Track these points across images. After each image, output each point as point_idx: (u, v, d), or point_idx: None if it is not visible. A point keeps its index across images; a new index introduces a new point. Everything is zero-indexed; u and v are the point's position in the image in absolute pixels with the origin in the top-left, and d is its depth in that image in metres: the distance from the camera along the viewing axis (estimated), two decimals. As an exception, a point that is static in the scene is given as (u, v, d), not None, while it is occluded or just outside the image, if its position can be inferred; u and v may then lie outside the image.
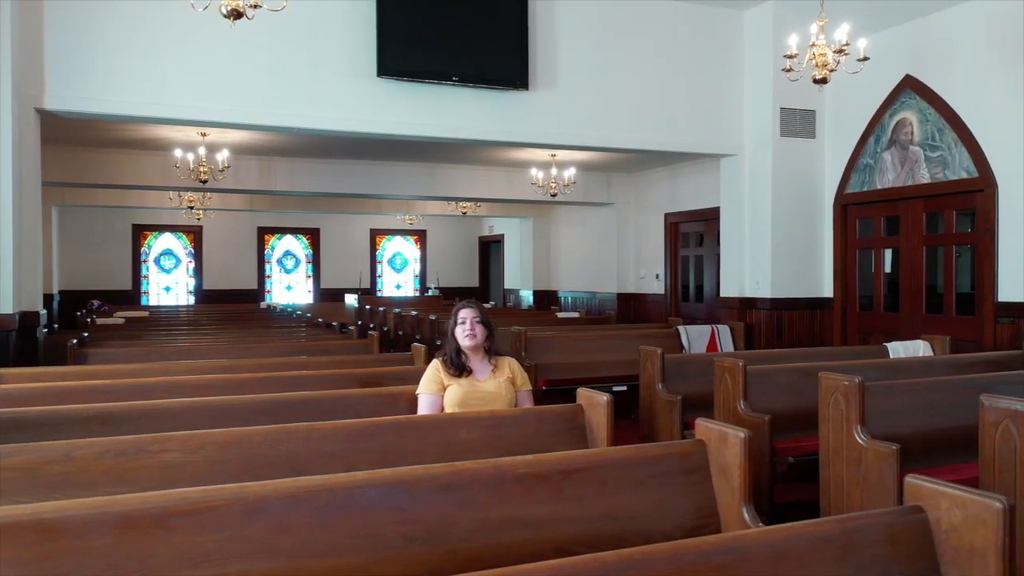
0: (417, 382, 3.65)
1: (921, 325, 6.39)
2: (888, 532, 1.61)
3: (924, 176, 6.32)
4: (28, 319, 5.17)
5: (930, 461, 3.45)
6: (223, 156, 8.11)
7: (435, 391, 3.32)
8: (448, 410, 3.30)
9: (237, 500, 1.83)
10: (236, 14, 3.53)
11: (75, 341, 5.33)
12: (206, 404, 3.22)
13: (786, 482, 4.42)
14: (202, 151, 7.90)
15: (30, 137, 5.19)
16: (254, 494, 1.85)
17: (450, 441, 2.78)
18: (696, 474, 2.29)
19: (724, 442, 2.25)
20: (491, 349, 3.45)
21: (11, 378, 4.02)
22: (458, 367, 3.36)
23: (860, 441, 3.27)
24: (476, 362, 3.41)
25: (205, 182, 7.92)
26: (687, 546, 1.49)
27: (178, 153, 7.94)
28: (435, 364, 3.40)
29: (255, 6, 3.75)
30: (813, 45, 4.92)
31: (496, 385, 3.35)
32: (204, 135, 7.81)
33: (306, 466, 2.56)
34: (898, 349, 5.57)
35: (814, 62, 5.00)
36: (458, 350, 3.39)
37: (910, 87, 6.43)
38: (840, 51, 4.84)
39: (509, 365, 3.45)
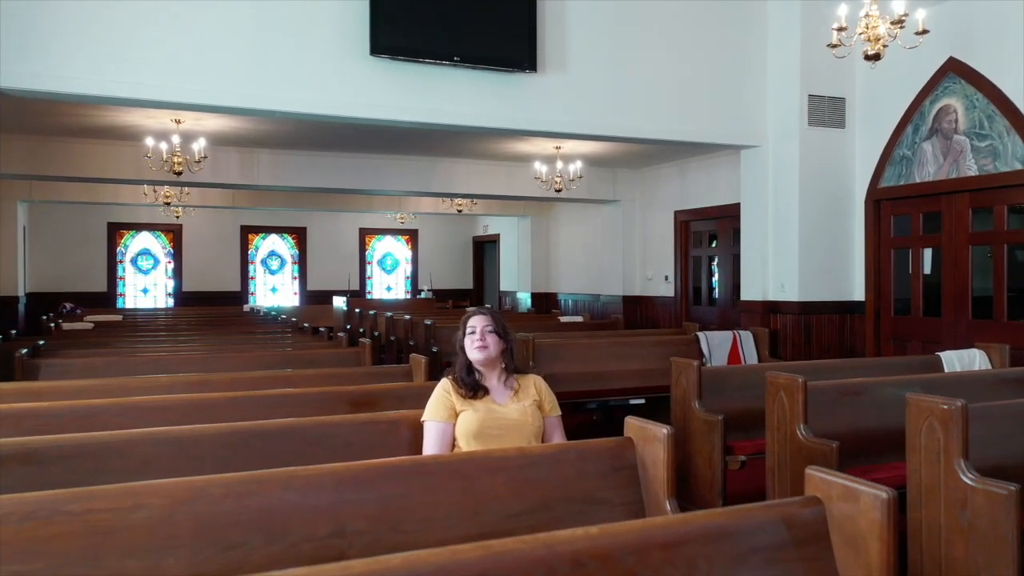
0: (418, 402, 3.04)
1: (966, 331, 5.82)
2: None
3: (971, 168, 5.76)
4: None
5: (1042, 501, 2.86)
6: (199, 145, 7.44)
7: (445, 418, 2.70)
8: (461, 441, 2.68)
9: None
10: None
11: (24, 351, 4.68)
12: (161, 435, 2.59)
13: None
14: (176, 139, 7.22)
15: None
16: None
17: (469, 489, 2.16)
18: (813, 547, 1.69)
19: (855, 503, 1.65)
20: (511, 366, 2.84)
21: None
22: (471, 386, 2.75)
23: (965, 480, 2.67)
24: (493, 381, 2.80)
25: (179, 174, 7.24)
26: None
27: (149, 142, 7.25)
28: (444, 385, 2.78)
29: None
30: (867, 15, 4.35)
31: (520, 410, 2.73)
32: (178, 122, 7.14)
33: (283, 528, 1.94)
34: (952, 359, 4.99)
35: (865, 36, 4.43)
36: (469, 366, 2.79)
37: (954, 71, 5.86)
38: (898, 22, 4.26)
39: (535, 385, 2.83)
